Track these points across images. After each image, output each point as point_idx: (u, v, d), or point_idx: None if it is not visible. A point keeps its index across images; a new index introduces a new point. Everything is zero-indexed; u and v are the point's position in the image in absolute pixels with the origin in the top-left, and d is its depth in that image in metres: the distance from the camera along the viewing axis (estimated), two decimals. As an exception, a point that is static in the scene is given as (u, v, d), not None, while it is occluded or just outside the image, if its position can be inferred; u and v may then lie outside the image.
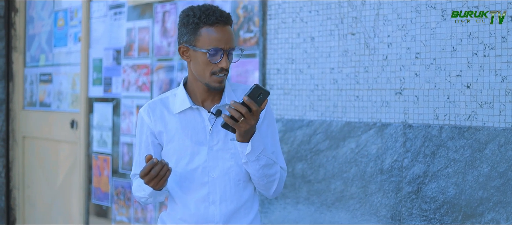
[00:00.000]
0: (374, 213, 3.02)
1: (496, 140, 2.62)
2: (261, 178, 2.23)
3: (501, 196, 2.59)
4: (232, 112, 2.06)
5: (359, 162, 3.07)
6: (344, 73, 3.16)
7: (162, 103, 2.32)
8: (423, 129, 2.85)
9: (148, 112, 2.30)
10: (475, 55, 2.71)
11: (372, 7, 3.04)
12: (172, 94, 2.33)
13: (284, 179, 2.33)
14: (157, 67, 4.24)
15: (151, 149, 2.31)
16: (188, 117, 2.28)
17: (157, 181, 2.11)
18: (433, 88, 2.84)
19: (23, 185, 5.41)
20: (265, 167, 2.21)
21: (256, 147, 2.16)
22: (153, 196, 2.23)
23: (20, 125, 5.41)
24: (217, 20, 2.18)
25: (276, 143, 2.34)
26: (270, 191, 2.29)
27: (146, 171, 2.10)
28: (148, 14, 4.31)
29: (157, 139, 2.31)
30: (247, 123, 2.08)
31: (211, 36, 2.17)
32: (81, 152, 4.81)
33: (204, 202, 2.27)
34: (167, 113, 2.30)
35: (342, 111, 3.17)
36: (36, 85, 5.31)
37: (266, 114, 2.32)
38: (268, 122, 2.33)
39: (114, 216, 4.57)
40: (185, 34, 2.23)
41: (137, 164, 2.36)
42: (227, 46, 2.18)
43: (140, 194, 2.27)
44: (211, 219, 2.27)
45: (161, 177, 2.11)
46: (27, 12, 5.41)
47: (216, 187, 2.26)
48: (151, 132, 2.30)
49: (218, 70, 2.19)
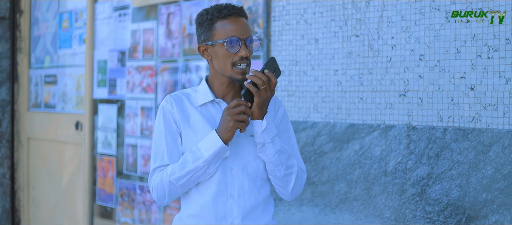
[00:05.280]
0: (378, 215, 3.01)
1: (500, 142, 2.61)
2: (278, 166, 2.24)
3: (505, 198, 2.59)
4: (254, 79, 2.13)
5: (363, 164, 3.07)
6: (348, 74, 3.16)
7: (184, 95, 2.34)
8: (427, 131, 2.84)
9: (170, 102, 2.30)
10: (479, 57, 2.71)
11: (376, 9, 3.04)
12: (192, 90, 2.35)
13: (303, 181, 2.33)
14: (162, 69, 4.25)
15: (176, 136, 2.29)
16: (209, 110, 2.30)
17: (242, 117, 2.16)
18: (437, 90, 2.84)
19: (28, 186, 5.42)
20: (281, 153, 2.23)
21: (270, 125, 2.20)
22: (208, 164, 2.20)
23: (25, 127, 5.43)
24: (229, 13, 2.22)
25: (293, 143, 2.37)
26: (288, 187, 2.29)
27: (236, 103, 2.17)
28: (153, 15, 4.32)
29: (178, 129, 2.30)
30: (266, 92, 2.15)
31: (227, 27, 2.21)
32: (85, 154, 4.82)
33: (222, 196, 2.26)
34: (189, 105, 2.31)
35: (346, 113, 3.17)
36: (41, 87, 5.33)
37: (284, 116, 2.37)
38: (286, 124, 2.37)
39: (119, 217, 4.58)
40: (202, 34, 2.27)
41: (164, 153, 2.29)
42: (244, 35, 2.22)
43: (182, 172, 2.22)
44: (229, 214, 2.26)
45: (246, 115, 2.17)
46: (32, 14, 5.43)
47: (234, 180, 2.26)
48: (174, 121, 2.29)
49: (238, 60, 2.21)
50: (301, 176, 2.32)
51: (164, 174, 2.25)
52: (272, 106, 2.35)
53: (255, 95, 2.16)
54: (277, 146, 2.23)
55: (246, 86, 2.15)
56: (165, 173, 2.26)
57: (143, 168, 4.36)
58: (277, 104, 2.37)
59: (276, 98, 2.39)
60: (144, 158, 4.35)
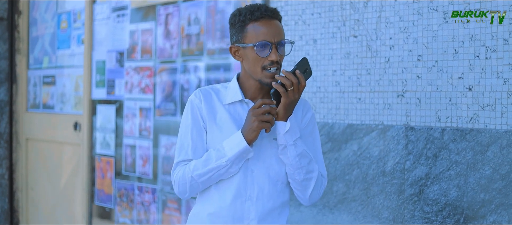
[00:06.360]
0: (376, 215, 3.02)
1: (498, 142, 2.62)
2: (297, 170, 2.23)
3: (503, 198, 2.60)
4: (284, 80, 2.12)
5: (361, 164, 3.07)
6: (346, 75, 3.16)
7: (214, 91, 2.32)
8: (425, 131, 2.85)
9: (199, 97, 2.29)
10: (477, 57, 2.71)
11: (374, 9, 3.05)
12: (223, 86, 2.34)
13: (323, 186, 2.32)
14: (160, 69, 4.25)
15: (202, 131, 2.28)
16: (237, 109, 2.28)
17: (266, 117, 2.15)
18: (435, 90, 2.84)
19: (27, 187, 5.42)
20: (302, 157, 2.22)
21: (293, 127, 2.19)
22: (231, 163, 2.19)
23: (24, 127, 5.43)
24: (262, 15, 2.19)
25: (318, 148, 2.35)
26: (307, 191, 2.27)
27: (261, 103, 2.16)
28: (151, 16, 4.32)
29: (205, 124, 2.28)
30: (294, 94, 2.14)
31: (258, 30, 2.19)
32: (84, 154, 4.82)
33: (241, 197, 2.24)
34: (217, 101, 2.30)
35: (344, 113, 3.17)
36: (39, 87, 5.33)
37: (312, 120, 2.35)
38: (312, 128, 2.35)
39: (117, 218, 4.58)
40: (234, 34, 2.26)
41: (189, 147, 2.28)
42: (275, 39, 2.19)
43: (204, 169, 2.21)
44: (247, 216, 2.25)
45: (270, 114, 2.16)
46: (30, 14, 5.43)
47: (254, 183, 2.25)
48: (201, 116, 2.28)
49: (269, 64, 2.19)
50: (321, 181, 2.30)
51: (187, 169, 2.25)
52: (301, 109, 2.33)
53: (282, 96, 2.14)
54: (299, 149, 2.21)
55: (274, 86, 2.13)
56: (187, 168, 2.25)
57: (141, 168, 4.36)
58: (306, 108, 2.35)
59: (305, 101, 2.37)
60: (142, 158, 4.36)
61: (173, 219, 4.15)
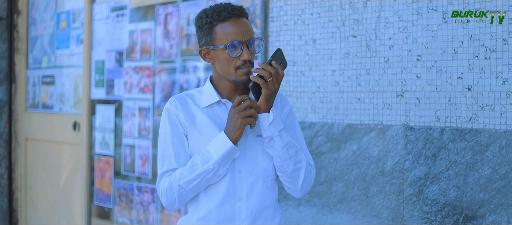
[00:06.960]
0: (375, 215, 3.02)
1: (497, 142, 2.62)
2: (286, 161, 2.21)
3: (502, 198, 2.60)
4: (261, 72, 2.11)
5: (361, 164, 3.07)
6: (345, 75, 3.16)
7: (189, 97, 2.29)
8: (424, 131, 2.85)
9: (175, 104, 2.25)
10: (476, 57, 2.71)
11: (373, 9, 3.05)
12: (197, 91, 2.31)
13: (313, 176, 2.30)
14: (159, 69, 4.25)
15: (183, 138, 2.24)
16: (215, 111, 2.26)
17: (249, 112, 2.14)
18: (434, 90, 2.85)
19: (26, 187, 5.42)
20: (289, 147, 2.20)
21: (276, 118, 2.18)
22: (218, 166, 2.16)
23: (23, 127, 5.42)
24: (229, 15, 2.17)
25: (300, 138, 2.34)
26: (298, 183, 2.25)
27: (240, 100, 2.15)
28: (150, 16, 4.32)
29: (185, 131, 2.25)
30: (273, 85, 2.13)
31: (227, 31, 2.17)
32: (83, 154, 4.82)
33: (231, 199, 2.22)
34: (194, 106, 2.27)
35: (343, 113, 3.17)
36: (38, 87, 5.32)
37: (291, 112, 2.34)
38: (292, 119, 2.35)
39: (116, 217, 4.58)
40: (202, 37, 2.23)
41: (171, 157, 2.24)
42: (245, 38, 2.18)
43: (191, 176, 2.17)
44: (238, 216, 2.22)
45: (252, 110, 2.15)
46: (29, 14, 5.42)
47: (243, 182, 2.22)
48: (180, 123, 2.24)
49: (241, 64, 2.18)
50: (310, 171, 2.29)
51: (173, 179, 2.21)
52: (279, 102, 2.32)
53: (262, 88, 2.13)
54: (285, 139, 2.19)
55: (252, 79, 2.12)
56: (173, 177, 2.21)
57: (140, 168, 4.36)
58: (283, 100, 2.34)
59: (281, 95, 2.35)
60: (141, 158, 4.36)
61: (172, 219, 4.15)
